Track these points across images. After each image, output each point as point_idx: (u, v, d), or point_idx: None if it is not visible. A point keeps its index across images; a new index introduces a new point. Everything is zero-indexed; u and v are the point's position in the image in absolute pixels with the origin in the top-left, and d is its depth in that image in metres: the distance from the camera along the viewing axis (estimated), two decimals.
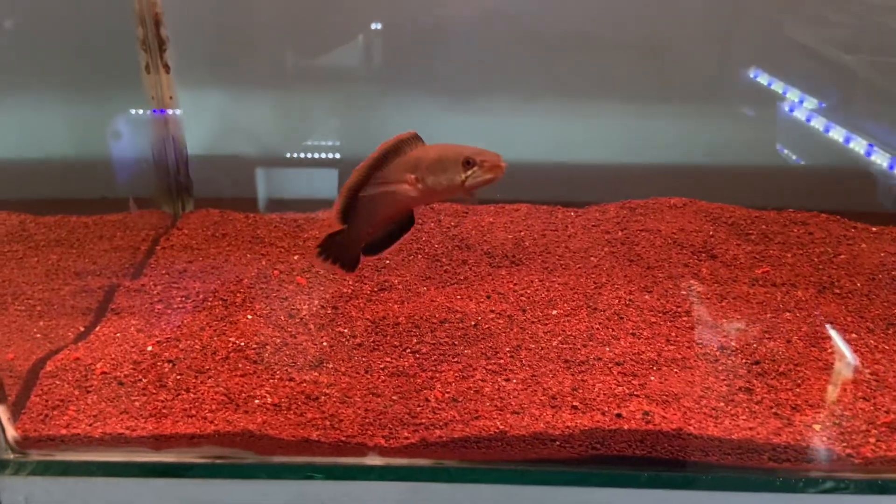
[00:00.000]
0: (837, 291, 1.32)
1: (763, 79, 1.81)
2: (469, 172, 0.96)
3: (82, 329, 1.29)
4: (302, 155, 1.88)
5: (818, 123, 1.80)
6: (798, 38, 1.77)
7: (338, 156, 1.89)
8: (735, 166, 1.81)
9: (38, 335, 1.25)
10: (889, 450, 1.00)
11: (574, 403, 1.10)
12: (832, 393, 1.10)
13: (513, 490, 1.04)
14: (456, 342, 1.26)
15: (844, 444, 1.02)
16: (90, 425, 1.07)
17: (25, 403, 1.11)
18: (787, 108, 1.83)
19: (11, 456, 1.07)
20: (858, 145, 1.77)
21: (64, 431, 1.06)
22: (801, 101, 1.82)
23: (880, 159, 1.74)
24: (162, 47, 1.57)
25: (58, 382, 1.14)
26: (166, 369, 1.17)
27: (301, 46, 1.79)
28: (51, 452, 1.07)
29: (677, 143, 1.83)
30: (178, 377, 1.16)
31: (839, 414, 1.05)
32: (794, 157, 1.85)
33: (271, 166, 1.88)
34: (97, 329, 1.30)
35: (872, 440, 1.01)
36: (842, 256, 1.42)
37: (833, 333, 1.23)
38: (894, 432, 1.02)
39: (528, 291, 1.38)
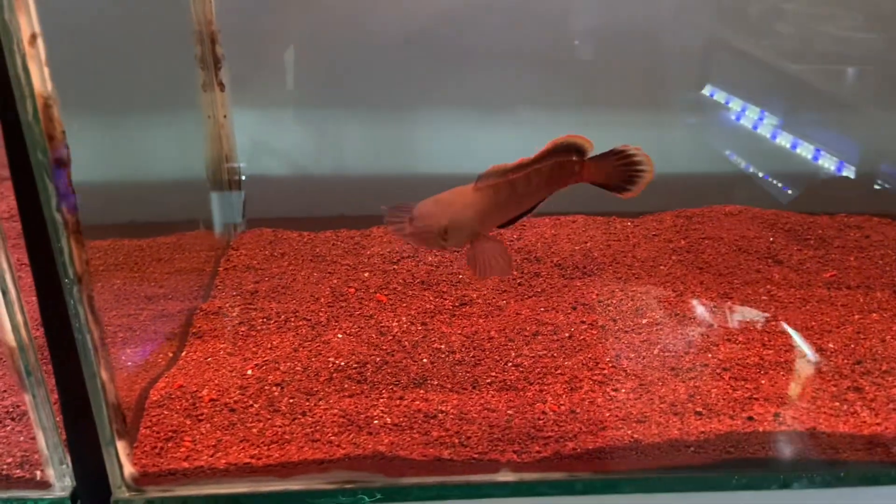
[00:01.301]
0: None
1: (708, 90, 1.89)
2: None
3: (171, 355, 1.24)
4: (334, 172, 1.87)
5: (765, 131, 1.89)
6: (744, 49, 1.86)
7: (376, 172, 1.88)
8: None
9: (130, 363, 1.19)
10: None
11: (697, 409, 1.11)
12: None
13: (649, 499, 1.04)
14: (555, 354, 1.26)
15: None
16: (212, 456, 1.03)
17: (136, 436, 1.06)
18: (733, 118, 1.91)
19: (126, 494, 1.01)
20: (805, 150, 1.87)
21: (185, 464, 1.02)
22: (744, 110, 1.91)
23: (828, 163, 1.84)
24: (217, 65, 1.53)
25: (166, 412, 1.09)
26: (276, 393, 1.14)
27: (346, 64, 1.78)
28: (170, 488, 1.02)
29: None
30: (291, 401, 1.12)
31: None
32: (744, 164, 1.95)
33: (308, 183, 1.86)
34: (185, 354, 1.25)
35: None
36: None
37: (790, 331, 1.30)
38: None
39: (613, 301, 1.39)
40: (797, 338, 1.27)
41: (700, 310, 1.35)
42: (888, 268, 1.46)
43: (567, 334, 1.30)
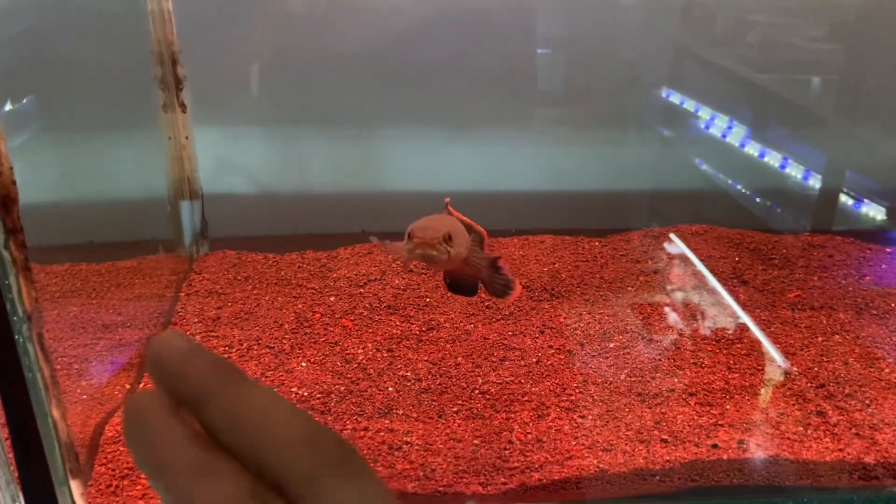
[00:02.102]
0: (875, 312, 1.39)
1: (675, 98, 1.91)
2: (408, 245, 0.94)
3: (128, 387, 1.21)
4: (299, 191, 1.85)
5: (734, 140, 1.92)
6: (712, 59, 1.89)
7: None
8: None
9: (85, 396, 1.16)
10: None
11: (663, 437, 1.10)
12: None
13: None
14: (522, 380, 1.25)
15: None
16: None
17: (90, 475, 1.02)
18: (702, 127, 1.94)
19: None
20: (773, 159, 1.90)
21: (141, 503, 0.99)
22: (712, 119, 1.93)
23: (795, 172, 1.88)
24: (178, 86, 1.51)
25: (121, 449, 1.06)
26: None
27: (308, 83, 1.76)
28: None
29: (596, 169, 1.91)
30: None
31: None
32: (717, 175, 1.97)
33: (272, 203, 1.84)
34: (142, 386, 1.22)
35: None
36: (867, 278, 1.50)
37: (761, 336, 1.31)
38: None
39: (581, 325, 1.39)
40: (775, 354, 1.28)
41: (667, 332, 1.35)
42: (850, 288, 1.47)
43: (535, 359, 1.29)
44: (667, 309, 1.43)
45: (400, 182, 1.91)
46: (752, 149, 1.93)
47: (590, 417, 1.16)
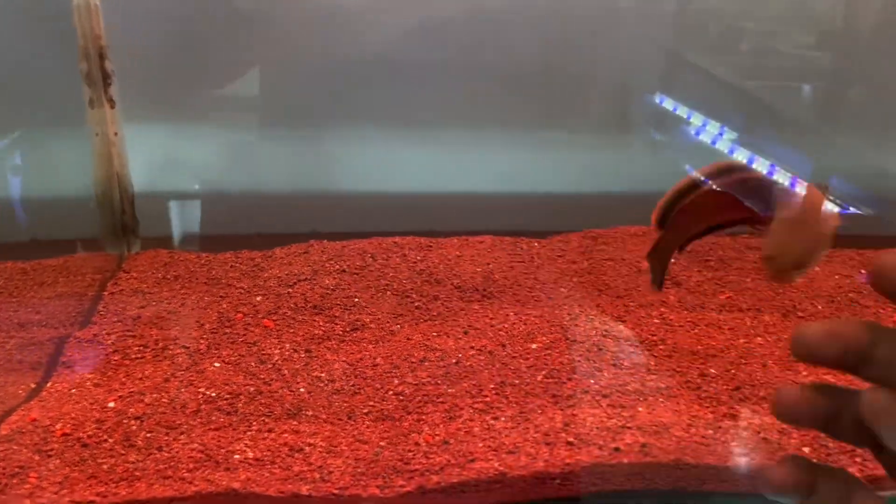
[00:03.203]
0: (801, 315, 1.38)
1: (668, 104, 1.90)
2: None
3: (33, 386, 1.19)
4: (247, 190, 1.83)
5: (723, 146, 1.90)
6: (703, 66, 1.88)
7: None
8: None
9: None
10: (877, 468, 1.03)
11: (569, 439, 1.08)
12: None
13: None
14: (438, 381, 1.23)
15: (832, 463, 1.04)
16: (56, 493, 0.98)
17: None
18: (692, 133, 1.92)
19: None
20: (760, 165, 1.88)
21: (28, 502, 0.97)
22: (704, 125, 1.92)
23: (781, 178, 1.86)
24: (107, 81, 1.49)
25: (14, 447, 1.04)
26: (134, 427, 1.09)
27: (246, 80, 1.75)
28: None
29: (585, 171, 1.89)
30: (148, 435, 1.08)
31: (823, 437, 1.08)
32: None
33: (216, 202, 1.82)
34: (49, 385, 1.20)
35: (859, 460, 1.05)
36: (798, 280, 1.48)
37: None
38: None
39: (506, 325, 1.37)
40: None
41: (590, 334, 1.33)
42: (781, 290, 1.46)
43: (454, 360, 1.27)
44: (596, 309, 1.41)
45: (350, 182, 1.90)
46: (741, 155, 1.91)
47: (502, 419, 1.14)
